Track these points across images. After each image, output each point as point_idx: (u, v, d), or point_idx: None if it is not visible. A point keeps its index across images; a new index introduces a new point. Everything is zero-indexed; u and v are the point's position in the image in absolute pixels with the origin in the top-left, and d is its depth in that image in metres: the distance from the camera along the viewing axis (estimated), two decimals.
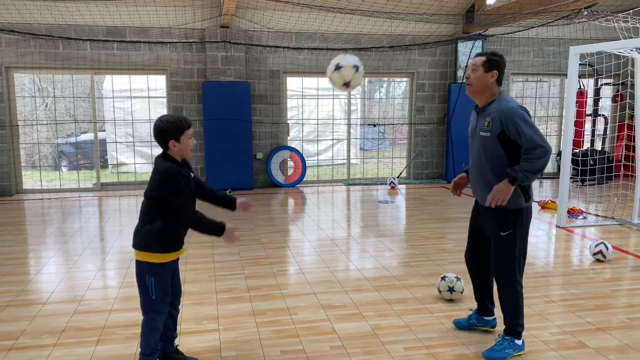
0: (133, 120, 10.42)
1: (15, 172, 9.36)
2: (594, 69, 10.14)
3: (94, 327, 3.76)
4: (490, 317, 3.63)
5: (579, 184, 9.89)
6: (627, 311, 4.05)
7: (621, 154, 10.00)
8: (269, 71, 9.94)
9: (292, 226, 7.13)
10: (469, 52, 10.31)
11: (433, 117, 10.80)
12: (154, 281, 2.93)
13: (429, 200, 8.83)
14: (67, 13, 8.74)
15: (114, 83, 10.71)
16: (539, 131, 3.08)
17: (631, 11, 7.63)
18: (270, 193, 9.64)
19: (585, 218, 7.31)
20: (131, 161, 10.97)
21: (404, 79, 11.56)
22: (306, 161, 10.42)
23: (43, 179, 10.15)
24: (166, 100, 9.79)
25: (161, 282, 2.96)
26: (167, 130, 2.88)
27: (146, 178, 10.49)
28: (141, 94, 10.29)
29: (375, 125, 12.47)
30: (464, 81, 3.36)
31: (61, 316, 3.98)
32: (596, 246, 5.33)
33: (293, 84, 10.76)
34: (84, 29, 9.07)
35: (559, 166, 9.06)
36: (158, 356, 3.07)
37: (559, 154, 10.42)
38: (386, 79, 14.35)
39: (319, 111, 11.00)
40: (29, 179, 10.60)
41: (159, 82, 10.12)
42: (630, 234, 6.50)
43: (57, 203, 8.73)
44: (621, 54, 6.70)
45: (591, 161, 9.70)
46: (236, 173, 9.69)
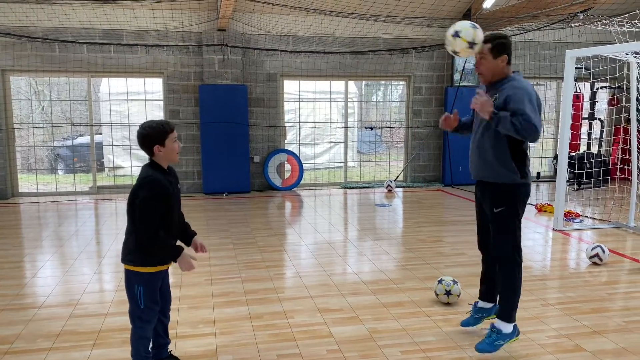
0: (130, 123, 10.40)
1: (11, 175, 9.33)
2: (590, 73, 10.18)
3: (90, 331, 3.74)
4: (491, 305, 3.60)
5: (575, 187, 9.92)
6: (624, 314, 4.05)
7: (617, 157, 10.02)
8: (266, 74, 9.95)
9: (289, 229, 7.12)
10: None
11: (430, 120, 10.81)
12: (142, 290, 2.90)
13: (426, 204, 8.83)
14: (63, 16, 8.73)
15: (110, 86, 10.69)
16: (538, 116, 3.05)
17: (627, 15, 7.67)
18: (267, 196, 9.63)
19: (581, 221, 7.32)
20: (128, 164, 10.94)
21: (401, 83, 11.58)
22: (303, 164, 10.42)
23: (39, 182, 10.12)
24: (163, 104, 9.78)
25: (150, 291, 2.93)
26: (150, 136, 2.86)
27: None
28: (138, 97, 10.28)
29: (372, 129, 12.48)
30: (470, 74, 3.34)
31: (57, 320, 3.96)
32: (592, 249, 5.34)
33: (290, 87, 10.77)
34: (80, 31, 9.06)
35: (555, 169, 9.08)
36: None
37: (556, 157, 10.46)
38: (383, 82, 14.37)
39: (316, 114, 11.01)
40: (25, 182, 10.57)
41: (155, 85, 10.10)
42: (627, 237, 6.51)
43: (53, 206, 8.70)
44: (617, 57, 6.73)
45: (587, 164, 9.73)
46: (233, 176, 9.68)
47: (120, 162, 11.84)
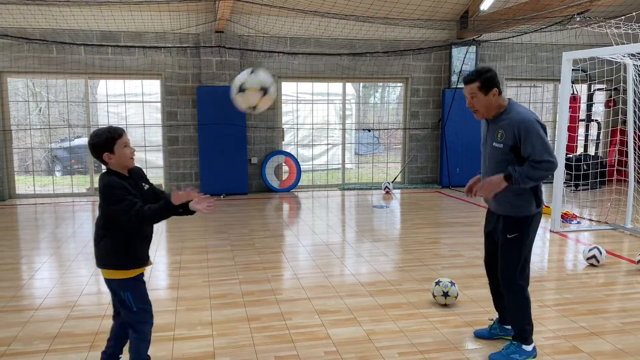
0: (127, 125, 10.37)
1: (8, 176, 9.31)
2: (587, 75, 10.22)
3: (87, 333, 3.74)
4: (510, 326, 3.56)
5: (572, 188, 9.94)
6: (621, 316, 4.06)
7: (614, 159, 10.05)
8: None
9: (287, 231, 7.12)
10: (463, 58, 10.37)
11: (427, 122, 10.83)
12: (130, 295, 2.90)
13: (423, 205, 8.84)
14: (61, 18, 8.72)
15: (108, 88, 10.69)
16: (549, 146, 3.07)
17: (623, 17, 7.70)
18: (265, 198, 9.62)
19: (578, 223, 7.34)
20: None
21: (398, 84, 11.60)
22: (301, 166, 10.42)
23: (36, 183, 10.09)
24: (160, 105, 9.77)
25: (138, 293, 2.94)
26: (97, 145, 2.80)
27: None
28: (135, 98, 10.27)
29: (370, 130, 12.49)
30: (471, 109, 3.31)
31: (54, 322, 3.95)
32: (590, 251, 5.35)
33: (288, 88, 10.77)
34: (78, 33, 9.05)
35: None
36: None
37: None
38: (381, 84, 14.39)
39: (313, 116, 11.02)
40: (22, 184, 10.54)
41: (153, 87, 10.10)
42: (624, 239, 6.53)
43: (51, 208, 8.68)
44: (613, 59, 6.75)
45: (584, 166, 9.75)
46: (231, 178, 9.67)
47: None
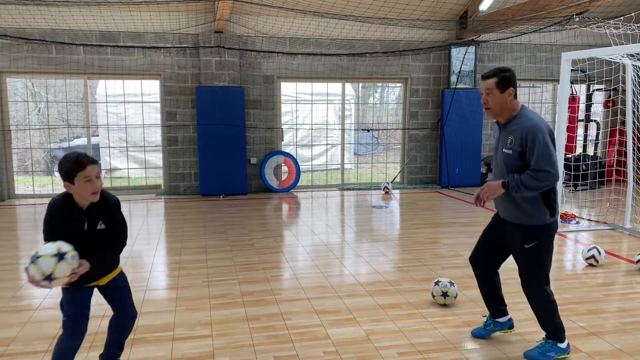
0: (127, 125, 10.39)
1: (7, 177, 9.31)
2: (586, 75, 10.23)
3: (86, 334, 3.73)
4: (505, 319, 3.59)
5: (571, 189, 9.95)
6: (620, 316, 4.07)
7: (613, 159, 10.06)
8: (263, 76, 9.95)
9: (286, 231, 7.12)
10: (462, 58, 10.37)
11: (427, 122, 10.84)
12: (63, 299, 2.89)
13: (422, 205, 8.85)
14: (60, 18, 8.72)
15: (107, 88, 10.69)
16: (554, 156, 3.06)
17: (622, 18, 7.71)
18: (264, 198, 9.62)
19: (578, 223, 7.35)
20: (124, 166, 10.93)
21: (397, 85, 11.61)
22: (300, 166, 10.42)
23: (35, 184, 10.09)
24: (160, 105, 9.77)
25: (68, 300, 2.88)
26: (59, 170, 2.70)
27: (140, 183, 10.51)
28: (135, 98, 10.27)
29: (369, 131, 12.49)
30: (484, 108, 3.31)
31: (53, 322, 3.94)
32: (589, 251, 5.36)
33: (287, 89, 10.78)
34: (77, 33, 9.05)
35: None
36: None
37: None
38: (380, 84, 14.40)
39: (313, 116, 11.02)
40: (21, 184, 10.54)
41: (152, 87, 10.10)
42: (623, 239, 6.54)
43: None
44: (612, 60, 6.76)
45: (583, 166, 9.76)
46: (230, 178, 9.67)
47: (117, 164, 11.81)
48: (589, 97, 10.98)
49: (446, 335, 3.71)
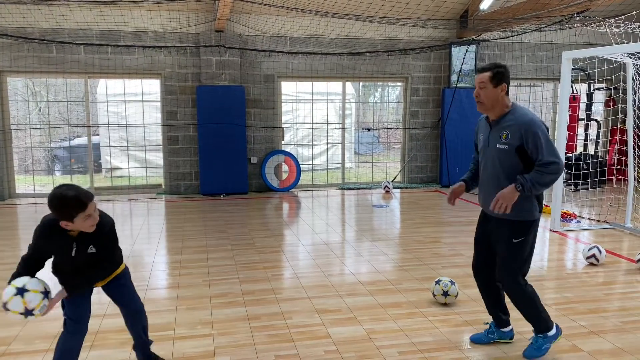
0: (127, 124, 10.39)
1: (8, 176, 9.31)
2: (586, 74, 10.22)
3: (87, 332, 3.73)
4: (507, 329, 3.55)
5: (572, 188, 9.95)
6: (621, 315, 4.07)
7: (614, 158, 10.05)
8: (263, 75, 9.95)
9: (287, 230, 7.12)
10: (462, 57, 10.37)
11: (427, 121, 10.84)
12: (65, 301, 2.92)
13: (423, 205, 8.85)
14: (60, 17, 8.72)
15: (108, 87, 10.69)
16: (555, 148, 3.09)
17: (623, 17, 7.70)
18: (265, 197, 9.62)
19: (578, 222, 7.34)
20: (125, 165, 10.93)
21: (398, 84, 11.60)
22: (301, 165, 10.42)
23: (36, 183, 10.09)
24: (160, 105, 9.77)
25: (70, 302, 2.92)
26: (57, 211, 2.61)
27: (140, 182, 10.52)
28: (135, 98, 10.27)
29: (369, 130, 12.50)
30: (476, 99, 3.33)
31: (54, 321, 3.93)
32: (589, 250, 5.36)
33: (287, 88, 10.77)
34: (77, 33, 9.05)
35: None
36: None
37: None
38: (380, 83, 14.40)
39: (313, 115, 11.02)
40: (22, 184, 10.54)
41: (153, 87, 10.10)
42: (623, 238, 6.53)
43: None
44: (613, 59, 6.76)
45: (584, 165, 9.76)
46: (230, 177, 9.67)
47: (117, 163, 11.82)
48: (589, 96, 10.97)
49: (447, 334, 3.71)
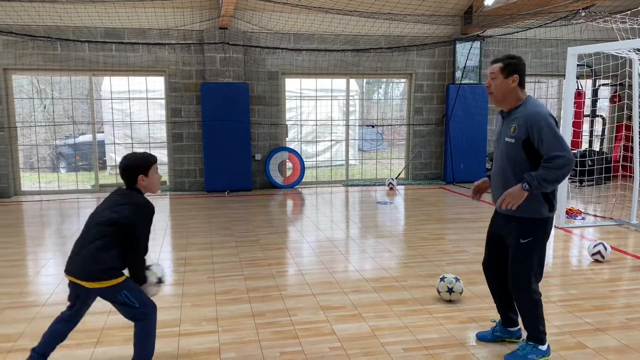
0: (132, 121, 10.41)
1: (13, 173, 9.35)
2: (592, 70, 10.17)
3: (93, 329, 3.76)
4: (515, 328, 3.51)
5: (577, 184, 9.91)
6: (626, 311, 4.05)
7: (619, 155, 10.02)
8: (267, 72, 9.95)
9: (291, 227, 7.13)
10: (467, 53, 10.33)
11: (431, 118, 10.81)
12: (128, 293, 2.94)
13: (427, 201, 8.83)
14: (65, 14, 8.73)
15: (112, 84, 10.70)
16: (563, 139, 3.00)
17: (629, 12, 7.65)
18: (269, 194, 9.63)
19: (583, 219, 7.32)
20: None
21: (402, 80, 11.57)
22: (305, 162, 10.42)
23: (41, 180, 10.13)
24: (165, 102, 9.78)
25: (134, 290, 2.98)
26: (135, 166, 3.01)
27: None
28: (140, 95, 10.28)
29: (373, 126, 12.48)
30: (487, 90, 3.27)
31: None
32: (595, 247, 5.34)
33: (291, 85, 10.76)
34: (82, 30, 9.07)
35: None
36: None
37: None
38: (384, 80, 14.36)
39: (317, 112, 11.00)
40: (27, 181, 10.58)
41: (157, 84, 10.11)
42: (629, 235, 6.51)
43: (56, 205, 8.71)
44: (619, 54, 6.72)
45: (589, 162, 9.71)
46: (235, 174, 9.68)
47: None
48: (595, 92, 10.92)
49: (452, 331, 3.71)
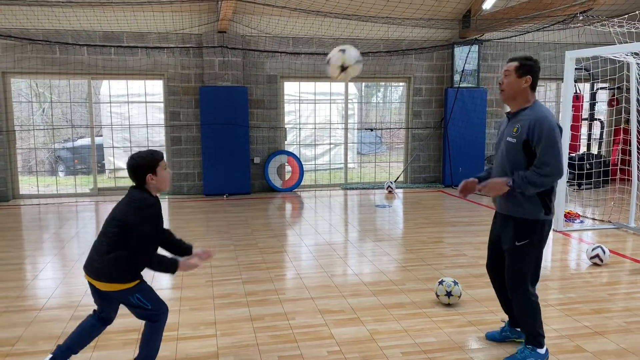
0: (130, 125, 10.41)
1: (11, 177, 9.34)
2: (589, 74, 10.19)
3: None
4: None
5: (575, 187, 9.92)
6: (625, 315, 4.05)
7: (617, 158, 10.03)
8: (266, 76, 9.96)
9: (290, 231, 7.13)
10: (465, 57, 10.35)
11: (430, 121, 10.82)
12: (141, 296, 2.94)
13: (426, 205, 8.84)
14: (64, 18, 8.74)
15: (111, 88, 10.70)
16: (559, 152, 3.01)
17: (626, 16, 7.68)
18: (268, 198, 9.63)
19: (582, 222, 7.33)
20: None
21: (400, 84, 11.59)
22: (303, 166, 10.42)
23: (40, 184, 10.12)
24: (163, 105, 9.78)
25: (147, 292, 2.98)
26: (142, 165, 2.91)
27: None
28: (138, 99, 10.29)
29: (372, 130, 12.48)
30: (498, 87, 3.30)
31: (58, 322, 3.96)
32: (593, 250, 5.34)
33: (290, 88, 10.78)
34: (81, 34, 9.07)
35: None
36: None
37: None
38: (383, 83, 14.38)
39: (316, 116, 11.02)
40: (26, 184, 10.56)
41: (156, 87, 10.11)
42: (627, 238, 6.51)
43: (54, 208, 8.70)
44: (616, 58, 6.74)
45: (588, 165, 9.73)
46: (233, 178, 9.68)
47: (121, 163, 11.84)
48: (593, 96, 10.94)
49: (450, 334, 3.70)
